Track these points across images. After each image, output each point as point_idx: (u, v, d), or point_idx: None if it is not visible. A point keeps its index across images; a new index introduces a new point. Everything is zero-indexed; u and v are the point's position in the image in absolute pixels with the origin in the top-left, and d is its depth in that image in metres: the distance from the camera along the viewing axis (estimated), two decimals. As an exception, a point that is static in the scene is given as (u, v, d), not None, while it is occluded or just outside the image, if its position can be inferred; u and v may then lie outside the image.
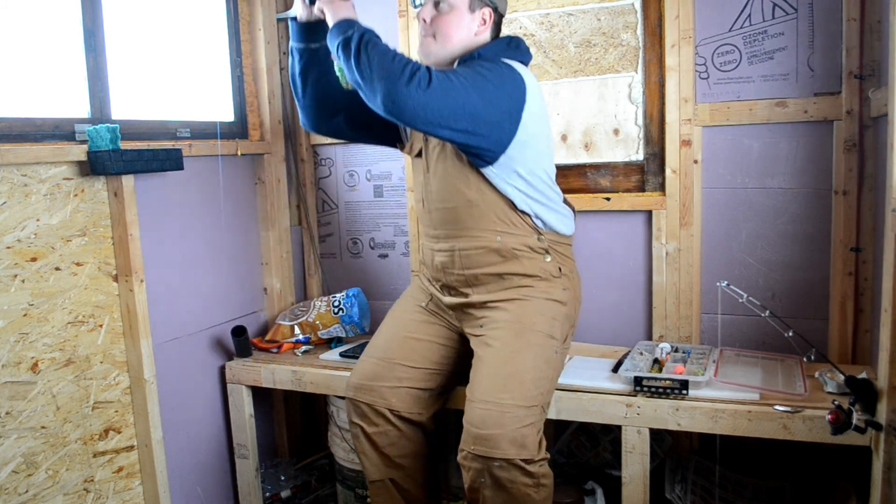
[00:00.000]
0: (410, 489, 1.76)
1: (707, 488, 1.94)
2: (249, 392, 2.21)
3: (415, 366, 1.74)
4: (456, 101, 1.42)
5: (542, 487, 1.49)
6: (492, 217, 1.63)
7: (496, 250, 1.64)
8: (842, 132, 1.87)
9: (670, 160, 2.05)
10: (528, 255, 1.66)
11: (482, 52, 1.61)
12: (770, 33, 1.94)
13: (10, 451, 1.61)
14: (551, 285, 1.68)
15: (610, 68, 2.13)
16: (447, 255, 1.70)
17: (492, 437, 1.46)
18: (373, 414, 1.72)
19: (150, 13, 2.06)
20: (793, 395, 1.63)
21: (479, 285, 1.69)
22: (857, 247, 1.88)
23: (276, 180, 2.41)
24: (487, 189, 1.61)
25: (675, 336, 2.10)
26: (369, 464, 1.75)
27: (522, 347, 1.58)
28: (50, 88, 1.78)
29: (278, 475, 2.37)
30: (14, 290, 1.61)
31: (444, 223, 1.69)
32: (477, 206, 1.63)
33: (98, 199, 1.80)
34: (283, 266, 2.46)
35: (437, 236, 1.72)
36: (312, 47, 1.68)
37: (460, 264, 1.68)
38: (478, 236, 1.65)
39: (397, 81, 1.36)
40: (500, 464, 1.46)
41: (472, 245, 1.66)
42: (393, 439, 1.73)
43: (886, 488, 1.39)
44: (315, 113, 1.76)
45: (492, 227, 1.63)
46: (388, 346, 1.79)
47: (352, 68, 1.43)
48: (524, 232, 1.65)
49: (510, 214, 1.63)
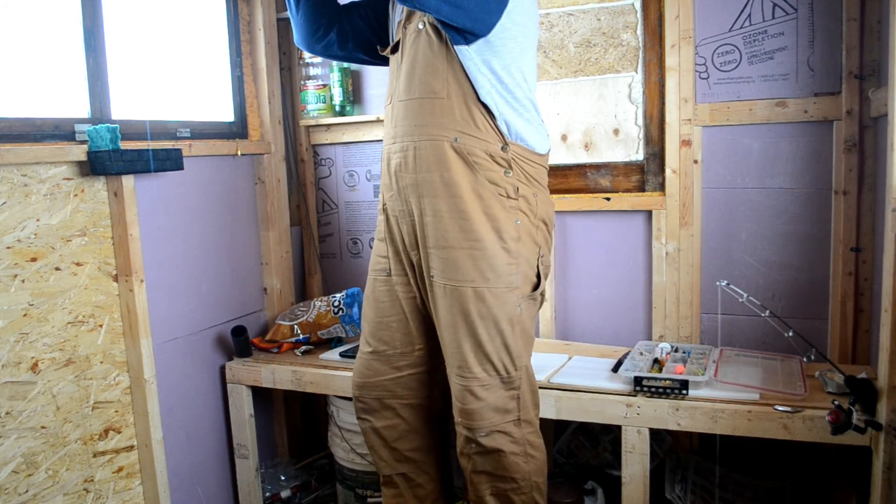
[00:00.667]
0: (423, 484, 1.74)
1: (707, 488, 1.94)
2: (249, 392, 2.21)
3: (405, 350, 1.69)
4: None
5: (531, 458, 1.51)
6: (454, 114, 1.49)
7: (454, 151, 1.50)
8: (842, 132, 1.87)
9: (670, 160, 2.05)
10: (486, 165, 1.50)
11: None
12: (770, 33, 1.94)
13: (10, 451, 1.61)
14: (508, 209, 1.52)
15: (610, 68, 2.13)
16: (402, 154, 1.56)
17: (474, 411, 1.49)
18: (381, 408, 1.70)
19: (150, 13, 2.06)
20: (793, 395, 1.63)
21: (429, 197, 1.52)
22: (857, 247, 1.88)
23: (276, 180, 2.41)
24: (454, 81, 1.49)
25: (675, 336, 2.10)
26: (379, 459, 1.74)
27: (482, 315, 1.49)
28: (50, 88, 1.78)
29: (278, 475, 2.37)
30: (14, 290, 1.61)
31: (404, 118, 1.55)
32: (440, 98, 1.50)
33: (98, 199, 1.80)
34: (283, 266, 2.46)
35: (396, 135, 1.58)
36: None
37: (413, 166, 1.53)
38: (437, 134, 1.50)
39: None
40: (487, 432, 1.48)
41: (428, 143, 1.51)
42: (402, 433, 1.71)
43: (886, 488, 1.39)
44: (308, 29, 1.70)
45: (452, 125, 1.49)
46: (374, 334, 1.71)
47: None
48: (488, 137, 1.50)
49: (475, 113, 1.49)
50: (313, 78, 2.46)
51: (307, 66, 2.46)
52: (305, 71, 2.47)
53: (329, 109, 2.47)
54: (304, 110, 2.49)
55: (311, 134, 2.56)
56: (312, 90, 2.46)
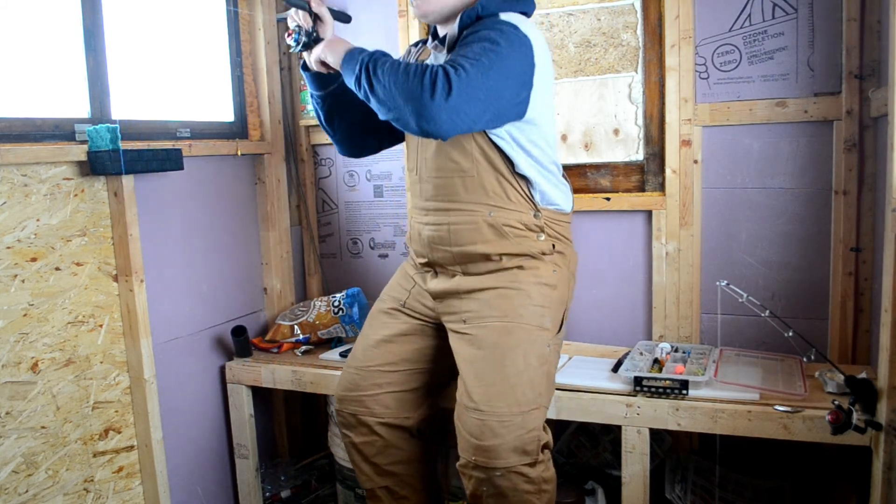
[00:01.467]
0: (408, 495, 1.74)
1: (707, 488, 1.94)
2: (249, 392, 2.21)
3: (393, 369, 1.70)
4: (480, 93, 1.35)
5: (543, 493, 1.48)
6: (486, 189, 1.55)
7: (489, 225, 1.56)
8: (842, 132, 1.87)
9: (670, 160, 2.05)
10: (521, 233, 1.57)
11: (484, 5, 1.49)
12: (770, 33, 1.94)
13: (10, 451, 1.61)
14: (542, 266, 1.59)
15: (610, 68, 2.13)
16: (436, 228, 1.61)
17: (491, 448, 1.43)
18: (357, 424, 1.70)
19: (150, 13, 2.06)
20: (793, 395, 1.63)
21: (468, 263, 1.60)
22: (857, 247, 1.88)
23: (276, 180, 2.41)
24: (482, 158, 1.53)
25: (675, 336, 2.10)
26: (361, 473, 1.74)
27: (512, 347, 1.51)
28: (50, 88, 1.78)
29: (278, 475, 2.37)
30: (14, 290, 1.61)
31: (435, 195, 1.60)
32: (471, 176, 1.54)
33: (98, 199, 1.80)
34: (283, 266, 2.47)
35: (427, 209, 1.63)
36: (331, 89, 1.64)
37: (449, 240, 1.59)
38: (470, 210, 1.56)
39: (421, 99, 1.30)
40: (502, 472, 1.43)
41: (463, 220, 1.57)
42: (380, 448, 1.71)
43: (886, 488, 1.39)
44: (350, 143, 1.77)
45: (485, 200, 1.55)
46: (364, 353, 1.74)
47: (377, 104, 1.39)
48: (520, 207, 1.56)
49: (506, 186, 1.55)
50: (313, 78, 2.46)
51: (307, 66, 2.46)
52: (305, 71, 2.47)
53: (329, 109, 2.47)
54: (304, 110, 2.49)
55: (311, 134, 2.56)
56: (312, 90, 2.45)
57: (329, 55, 1.49)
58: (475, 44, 1.38)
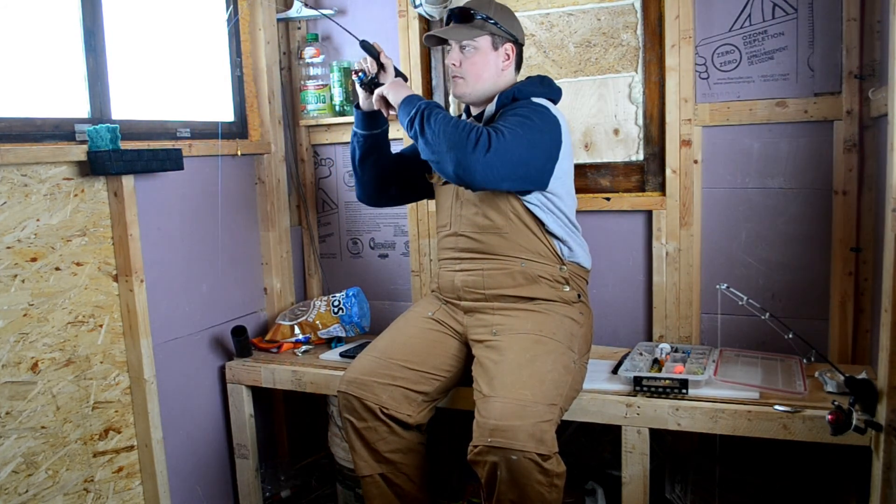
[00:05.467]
0: (403, 485, 1.76)
1: (707, 488, 1.94)
2: (249, 392, 2.21)
3: (412, 367, 1.75)
4: (513, 156, 1.56)
5: (554, 488, 1.49)
6: (520, 245, 1.74)
7: (521, 272, 1.74)
8: (842, 132, 1.87)
9: (670, 160, 2.05)
10: (549, 283, 1.75)
11: (520, 90, 1.73)
12: (770, 33, 1.94)
13: (10, 451, 1.61)
14: (570, 308, 1.77)
15: (610, 68, 2.13)
16: (471, 274, 1.78)
17: (511, 428, 1.47)
18: (362, 409, 1.72)
19: (150, 13, 2.06)
20: (793, 394, 1.63)
21: (501, 300, 1.76)
22: (857, 247, 1.88)
23: (276, 180, 2.41)
24: (516, 219, 1.72)
25: (674, 336, 2.10)
26: (359, 459, 1.76)
27: (541, 353, 1.62)
28: (50, 88, 1.78)
29: (278, 475, 2.37)
30: (14, 290, 1.61)
31: (471, 248, 1.79)
32: (506, 234, 1.73)
33: (98, 199, 1.80)
34: (283, 266, 2.47)
35: (461, 258, 1.81)
36: (375, 133, 1.86)
37: (483, 284, 1.77)
38: (504, 260, 1.75)
39: (465, 149, 1.52)
40: (518, 456, 1.45)
41: (497, 266, 1.75)
42: (382, 435, 1.73)
43: (886, 488, 1.39)
44: (373, 187, 1.94)
45: (518, 254, 1.74)
46: (389, 346, 1.81)
47: (423, 144, 1.59)
48: (548, 261, 1.75)
49: (536, 244, 1.74)
50: (313, 78, 2.46)
51: (307, 66, 2.46)
52: (305, 71, 2.47)
53: (329, 109, 2.47)
54: (304, 110, 2.49)
55: (311, 134, 2.56)
56: (312, 90, 2.45)
57: (391, 94, 1.71)
58: (513, 118, 1.62)
